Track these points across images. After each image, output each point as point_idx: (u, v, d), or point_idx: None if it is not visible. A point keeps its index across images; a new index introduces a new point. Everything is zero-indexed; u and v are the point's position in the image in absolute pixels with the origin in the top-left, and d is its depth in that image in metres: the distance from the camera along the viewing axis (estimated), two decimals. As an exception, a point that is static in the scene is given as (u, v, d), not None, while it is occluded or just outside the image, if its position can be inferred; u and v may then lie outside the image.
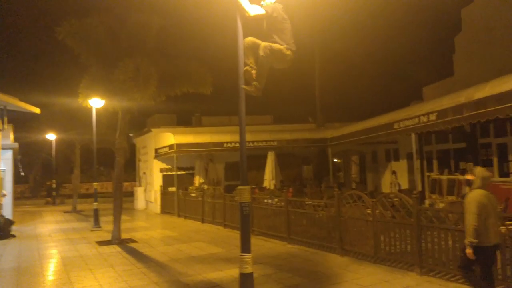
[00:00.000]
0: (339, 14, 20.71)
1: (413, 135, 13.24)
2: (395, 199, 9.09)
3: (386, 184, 20.34)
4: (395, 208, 8.55)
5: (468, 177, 5.68)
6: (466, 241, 5.33)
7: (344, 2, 20.31)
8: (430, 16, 22.01)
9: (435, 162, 15.92)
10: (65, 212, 24.34)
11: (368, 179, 22.85)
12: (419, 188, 15.14)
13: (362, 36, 23.35)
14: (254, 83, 5.77)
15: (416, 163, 14.21)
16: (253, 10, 5.64)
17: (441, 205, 13.14)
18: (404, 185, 18.52)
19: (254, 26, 5.96)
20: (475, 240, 5.25)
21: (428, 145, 16.09)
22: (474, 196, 5.39)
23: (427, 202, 13.85)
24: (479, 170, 5.60)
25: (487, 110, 9.76)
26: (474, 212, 5.27)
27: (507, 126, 12.30)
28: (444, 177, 14.62)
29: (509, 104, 9.10)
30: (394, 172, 19.52)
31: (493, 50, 13.71)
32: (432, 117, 11.66)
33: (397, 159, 20.06)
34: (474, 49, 14.78)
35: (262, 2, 5.83)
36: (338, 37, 22.12)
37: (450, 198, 13.45)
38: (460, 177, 14.05)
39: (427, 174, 15.92)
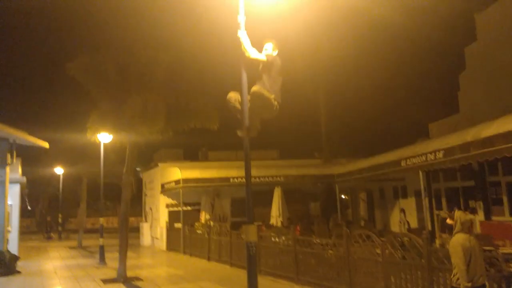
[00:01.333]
0: (344, 50, 21.02)
1: (420, 173, 13.13)
2: (405, 239, 8.93)
3: (395, 222, 20.01)
4: (405, 248, 8.39)
5: (448, 221, 5.76)
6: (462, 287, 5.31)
7: (349, 39, 20.68)
8: (434, 54, 22.30)
9: (444, 200, 15.69)
10: (70, 247, 24.13)
11: (376, 217, 22.53)
12: (429, 227, 14.87)
13: (367, 71, 23.63)
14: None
15: (425, 201, 14.01)
16: (254, 54, 5.87)
17: (451, 245, 12.85)
18: (413, 223, 18.22)
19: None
20: (469, 284, 5.26)
21: (436, 183, 15.92)
22: (457, 241, 5.44)
23: (437, 241, 13.56)
24: (458, 214, 5.64)
25: (494, 148, 9.69)
26: (461, 256, 5.32)
27: (516, 164, 12.19)
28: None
29: (517, 143, 9.04)
30: (402, 210, 19.25)
31: (498, 88, 13.77)
32: (439, 155, 11.59)
33: (405, 196, 19.83)
34: (478, 87, 14.86)
35: (264, 51, 6.05)
36: (343, 73, 22.37)
37: (461, 237, 13.16)
38: (471, 216, 13.83)
39: (436, 212, 15.67)
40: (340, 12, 19.05)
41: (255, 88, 5.88)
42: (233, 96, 6.09)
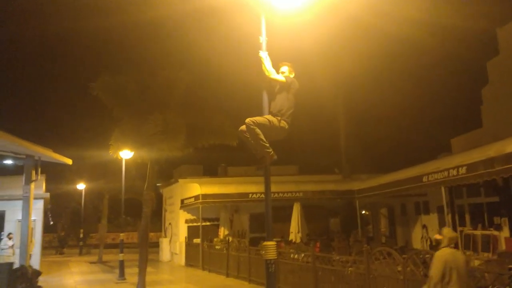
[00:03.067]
0: (365, 65, 21.06)
1: (443, 188, 12.92)
2: (427, 256, 8.75)
3: (417, 239, 19.62)
4: (427, 265, 8.21)
5: (437, 236, 6.10)
6: None
7: (370, 55, 20.68)
8: (456, 69, 22.09)
9: (467, 216, 15.36)
10: (91, 262, 24.36)
11: (397, 233, 22.11)
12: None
13: (388, 86, 23.55)
14: (265, 153, 5.90)
15: (448, 217, 13.75)
16: (274, 74, 5.97)
17: (476, 263, 12.53)
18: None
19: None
20: None
21: (459, 199, 15.61)
22: (441, 255, 5.73)
23: (461, 259, 13.23)
24: (447, 231, 6.02)
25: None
26: (439, 269, 5.58)
27: (542, 180, 11.88)
28: (478, 232, 14.04)
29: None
30: (424, 226, 18.87)
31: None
32: (462, 170, 11.40)
33: (427, 212, 19.44)
34: (501, 101, 14.63)
35: (281, 73, 6.16)
36: (363, 88, 22.38)
37: (486, 255, 12.83)
38: (495, 232, 13.47)
39: (459, 228, 15.31)
40: (361, 28, 19.17)
41: (246, 120, 5.91)
42: (244, 128, 6.06)
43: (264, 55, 6.01)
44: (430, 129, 24.33)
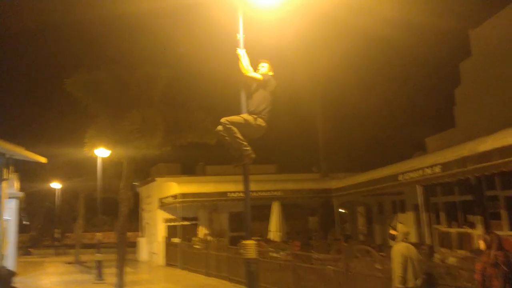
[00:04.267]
0: (341, 64, 21.21)
1: (418, 187, 13.14)
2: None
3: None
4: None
5: (392, 232, 6.59)
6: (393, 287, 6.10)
7: (346, 54, 20.85)
8: (430, 69, 22.50)
9: (442, 214, 15.67)
10: (67, 263, 23.90)
11: (375, 231, 22.42)
12: (428, 241, 14.81)
13: (364, 86, 23.79)
14: (243, 152, 5.88)
15: (423, 216, 14.00)
16: (251, 72, 5.96)
17: (451, 260, 12.80)
18: (412, 238, 18.09)
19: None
20: (402, 286, 6.03)
21: (434, 197, 15.91)
22: (398, 249, 6.24)
23: (437, 256, 13.49)
24: (400, 227, 6.55)
25: (491, 163, 9.73)
26: (399, 262, 6.10)
27: (514, 179, 12.20)
28: (453, 230, 14.35)
29: (513, 158, 9.08)
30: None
31: (493, 102, 13.87)
32: (437, 169, 11.62)
33: (403, 210, 19.76)
34: (474, 101, 14.96)
35: (260, 68, 6.15)
36: (340, 87, 22.54)
37: (460, 252, 13.11)
38: (469, 230, 13.78)
39: (434, 226, 15.62)
40: (337, 26, 19.29)
41: (222, 120, 5.90)
42: (221, 128, 6.02)
43: (241, 52, 5.99)
44: (406, 128, 24.73)
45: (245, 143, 5.83)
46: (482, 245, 5.99)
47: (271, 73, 6.26)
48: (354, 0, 16.69)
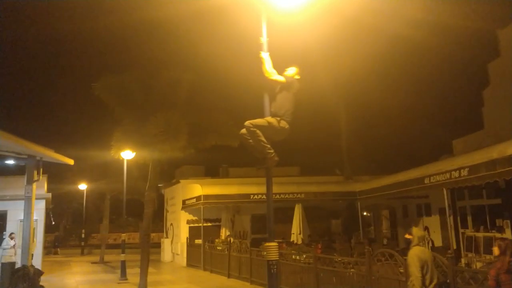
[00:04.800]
0: (367, 66, 21.03)
1: (445, 190, 12.89)
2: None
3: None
4: (428, 267, 8.19)
5: (407, 236, 6.72)
6: None
7: (372, 56, 20.65)
8: (457, 70, 22.06)
9: (469, 218, 15.33)
10: (92, 262, 24.39)
11: (399, 235, 22.07)
12: (454, 246, 14.49)
13: (389, 87, 23.49)
14: (267, 155, 5.90)
15: (449, 219, 13.71)
16: (274, 75, 5.97)
17: (478, 265, 12.50)
18: (437, 242, 17.77)
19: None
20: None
21: (461, 200, 15.58)
22: (414, 253, 6.37)
23: (463, 261, 13.23)
24: (416, 230, 6.68)
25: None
26: (417, 266, 6.20)
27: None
28: (480, 234, 14.00)
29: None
30: (426, 228, 18.82)
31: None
32: (464, 172, 11.37)
33: (429, 214, 19.41)
34: (503, 103, 14.59)
35: (286, 72, 6.17)
36: (365, 89, 22.35)
37: (488, 257, 12.79)
38: (497, 235, 13.42)
39: (461, 230, 15.29)
40: (361, 28, 19.15)
41: (246, 123, 5.93)
42: (245, 131, 6.05)
43: (265, 55, 6.02)
44: (432, 130, 24.27)
45: (268, 146, 5.86)
46: (496, 251, 5.88)
47: (297, 77, 6.25)
48: (378, 2, 16.53)
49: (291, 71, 6.21)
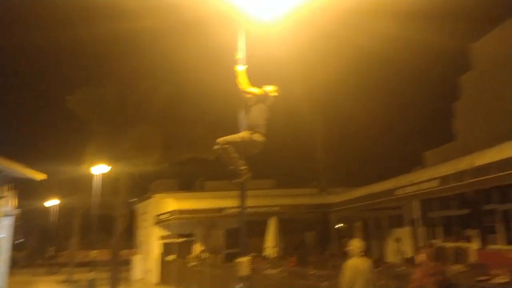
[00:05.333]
0: (341, 80, 21.46)
1: (415, 202, 13.16)
2: (401, 269, 8.87)
3: (391, 252, 19.82)
4: (400, 278, 8.32)
5: (348, 248, 7.25)
6: None
7: (345, 70, 21.09)
8: (428, 83, 22.78)
9: (439, 229, 15.65)
10: (60, 282, 23.55)
11: (372, 246, 22.31)
12: (425, 256, 14.74)
13: (363, 100, 23.99)
14: (240, 170, 5.89)
15: (420, 230, 13.99)
16: (250, 88, 6.03)
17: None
18: (409, 252, 18.05)
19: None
20: None
21: (431, 212, 15.91)
22: (351, 264, 6.89)
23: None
24: (354, 242, 7.22)
25: (489, 177, 9.78)
26: (348, 276, 6.75)
27: (511, 192, 12.24)
28: (450, 244, 14.32)
29: (509, 172, 9.14)
30: (398, 240, 19.10)
31: (493, 116, 13.99)
32: (434, 183, 11.66)
33: (400, 225, 19.72)
34: (473, 115, 15.08)
35: (264, 88, 6.22)
36: (339, 102, 22.76)
37: (457, 267, 13.06)
38: (466, 244, 13.76)
39: (432, 241, 15.58)
40: (336, 42, 19.55)
41: (218, 140, 5.91)
42: (218, 147, 5.97)
43: (241, 68, 6.05)
44: (404, 142, 24.85)
45: (241, 162, 5.86)
46: (422, 257, 6.56)
47: (275, 94, 6.29)
48: (352, 18, 16.97)
49: (269, 88, 6.27)
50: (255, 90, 6.11)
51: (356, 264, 6.82)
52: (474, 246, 13.40)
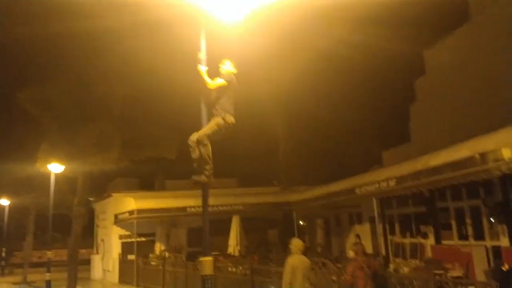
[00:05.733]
0: (301, 80, 21.66)
1: (374, 200, 13.50)
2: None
3: (351, 248, 20.26)
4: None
5: (290, 246, 7.89)
6: None
7: (306, 71, 21.30)
8: (388, 86, 23.41)
9: (397, 226, 16.14)
10: (14, 283, 22.63)
11: (333, 243, 22.74)
12: (383, 252, 15.19)
13: (323, 101, 24.32)
14: (205, 171, 5.84)
15: (379, 227, 14.38)
16: (215, 83, 5.97)
17: (405, 269, 13.17)
18: (368, 249, 18.49)
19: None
20: None
21: (389, 209, 16.39)
22: (290, 261, 7.52)
23: (391, 266, 13.86)
24: (295, 241, 7.88)
25: (442, 177, 10.16)
26: (288, 272, 7.38)
27: (463, 191, 12.79)
28: (407, 240, 14.80)
29: (462, 172, 9.53)
30: (358, 236, 19.56)
31: (446, 118, 14.55)
32: (392, 183, 12.00)
33: (360, 222, 20.20)
34: (427, 117, 15.62)
35: (222, 67, 6.17)
36: (299, 103, 22.95)
37: (414, 262, 13.53)
38: (422, 240, 14.26)
39: (390, 237, 16.06)
40: (295, 44, 19.72)
41: (190, 137, 5.88)
42: (193, 140, 5.93)
43: (203, 68, 5.99)
44: (363, 142, 25.39)
45: (210, 163, 5.84)
46: (351, 253, 7.53)
47: (234, 71, 6.28)
48: (311, 21, 17.20)
49: (227, 67, 6.24)
50: (221, 81, 6.07)
51: (295, 261, 7.43)
52: (429, 242, 13.91)
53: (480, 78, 12.97)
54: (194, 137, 5.90)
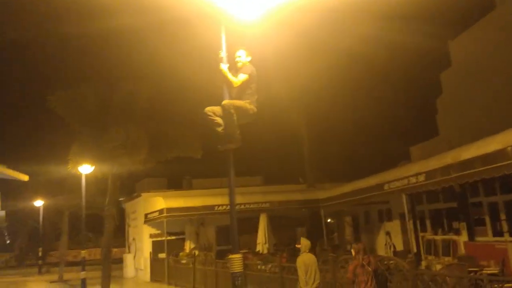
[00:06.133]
0: (326, 77, 21.46)
1: (404, 196, 13.26)
2: (391, 262, 8.93)
3: (381, 245, 19.99)
4: (390, 272, 8.37)
5: (297, 245, 8.46)
6: None
7: (328, 68, 21.12)
8: (412, 80, 22.96)
9: (428, 222, 15.80)
10: (51, 282, 23.36)
11: (362, 240, 22.45)
12: (414, 249, 14.89)
13: (349, 97, 24.09)
14: (234, 136, 5.97)
15: (409, 224, 14.11)
16: (238, 79, 6.02)
17: (437, 267, 12.89)
18: (399, 246, 18.21)
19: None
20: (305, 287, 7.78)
21: (420, 205, 16.05)
22: (301, 259, 8.09)
23: (423, 263, 13.59)
24: (303, 241, 8.38)
25: (474, 170, 9.88)
26: (302, 270, 7.92)
27: (496, 185, 12.38)
28: (439, 237, 14.46)
29: (494, 165, 9.24)
30: (388, 233, 19.27)
31: (473, 110, 14.14)
32: (421, 178, 11.75)
33: (390, 219, 19.88)
34: (455, 110, 15.24)
35: (237, 58, 6.20)
36: (325, 99, 22.77)
37: (447, 259, 13.22)
38: (455, 237, 13.91)
39: (421, 234, 15.72)
40: (317, 43, 19.59)
41: (224, 102, 6.00)
42: (210, 109, 6.13)
43: (225, 67, 6.03)
44: (390, 138, 25.00)
45: (237, 130, 5.98)
46: (353, 252, 7.54)
47: (250, 58, 6.32)
48: (331, 19, 17.06)
49: (243, 58, 6.28)
50: (244, 77, 6.12)
51: (305, 259, 8.01)
52: (462, 238, 13.55)
53: (508, 68, 12.53)
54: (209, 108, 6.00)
